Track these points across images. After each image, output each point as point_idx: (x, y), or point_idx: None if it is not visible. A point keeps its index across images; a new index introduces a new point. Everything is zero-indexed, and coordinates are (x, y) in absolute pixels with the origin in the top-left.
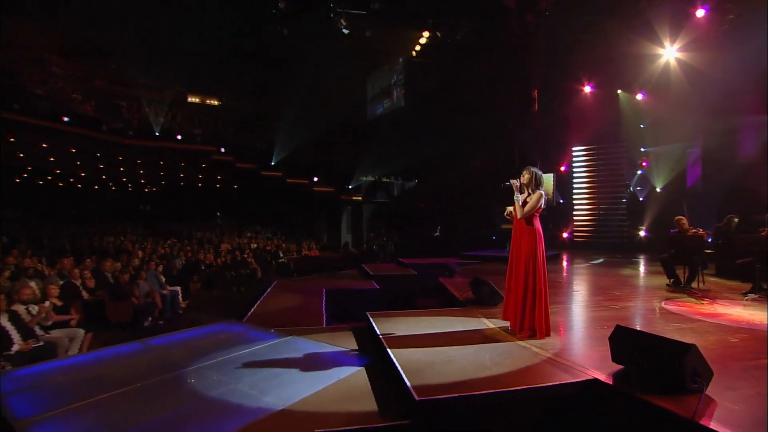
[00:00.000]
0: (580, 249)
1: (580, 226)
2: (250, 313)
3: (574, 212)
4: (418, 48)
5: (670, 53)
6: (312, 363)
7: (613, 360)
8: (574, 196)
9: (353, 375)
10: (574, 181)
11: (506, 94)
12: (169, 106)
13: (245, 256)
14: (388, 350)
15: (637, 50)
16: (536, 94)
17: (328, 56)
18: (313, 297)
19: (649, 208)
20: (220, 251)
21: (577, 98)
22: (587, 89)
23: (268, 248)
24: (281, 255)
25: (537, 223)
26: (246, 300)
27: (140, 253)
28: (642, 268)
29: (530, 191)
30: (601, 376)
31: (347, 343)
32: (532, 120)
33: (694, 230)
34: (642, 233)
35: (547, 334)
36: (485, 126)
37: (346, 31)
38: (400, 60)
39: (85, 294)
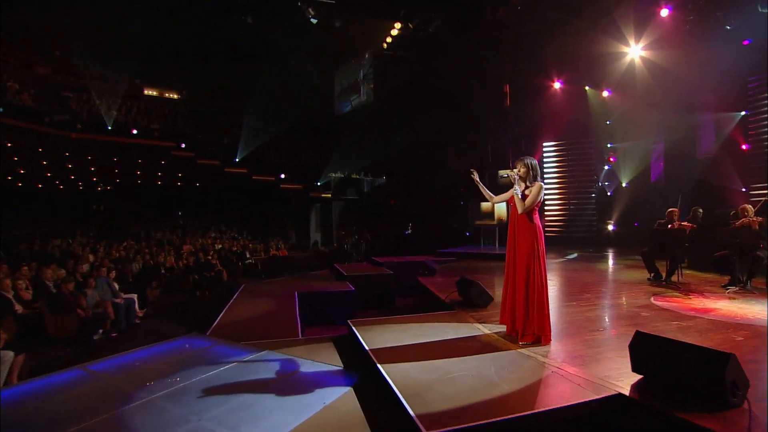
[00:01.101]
0: (551, 244)
1: (551, 221)
2: (215, 324)
3: (545, 207)
4: (389, 40)
5: (635, 51)
6: (291, 385)
7: (634, 370)
8: (545, 192)
9: (341, 399)
10: (545, 176)
11: (478, 89)
12: (123, 99)
13: (209, 257)
14: (380, 367)
15: (603, 48)
16: (508, 89)
17: (295, 49)
18: (285, 302)
19: (616, 203)
20: (182, 253)
21: (548, 94)
22: (557, 85)
23: (234, 249)
24: (248, 256)
25: (537, 219)
26: (210, 305)
27: (91, 258)
28: (611, 262)
29: (528, 183)
30: (624, 389)
31: (328, 356)
32: (504, 115)
33: (678, 223)
34: (610, 227)
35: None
36: (457, 121)
37: (314, 21)
38: (367, 55)
39: (19, 308)
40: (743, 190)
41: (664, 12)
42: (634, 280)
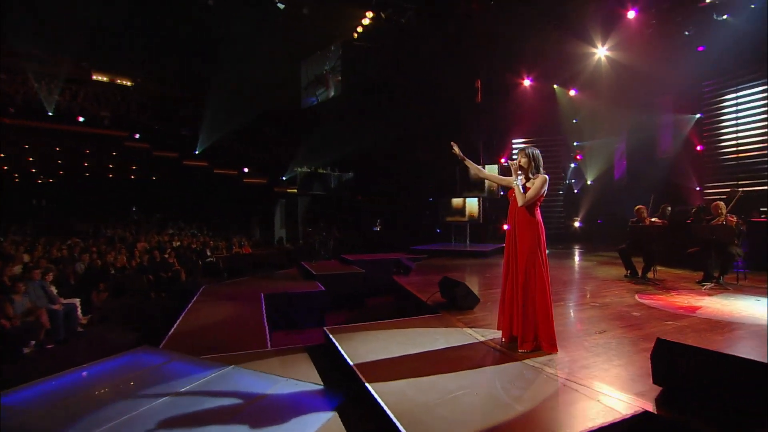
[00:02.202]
0: None
1: None
2: (170, 334)
3: None
4: (360, 30)
5: (601, 51)
6: (265, 413)
7: (655, 382)
8: None
9: (326, 427)
10: None
11: (450, 83)
12: (68, 83)
13: (166, 256)
14: (369, 388)
15: (572, 47)
16: (479, 84)
17: (260, 36)
18: (251, 305)
19: (583, 200)
20: (135, 251)
21: (518, 91)
22: (527, 83)
23: (194, 246)
24: (209, 253)
25: (538, 214)
26: (167, 309)
27: (26, 258)
28: (581, 259)
29: (531, 175)
30: (648, 405)
31: (305, 371)
32: (475, 110)
33: (652, 220)
34: (577, 224)
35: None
36: (427, 116)
37: (281, 6)
38: (333, 47)
39: None
40: (698, 189)
41: (631, 14)
42: (612, 278)
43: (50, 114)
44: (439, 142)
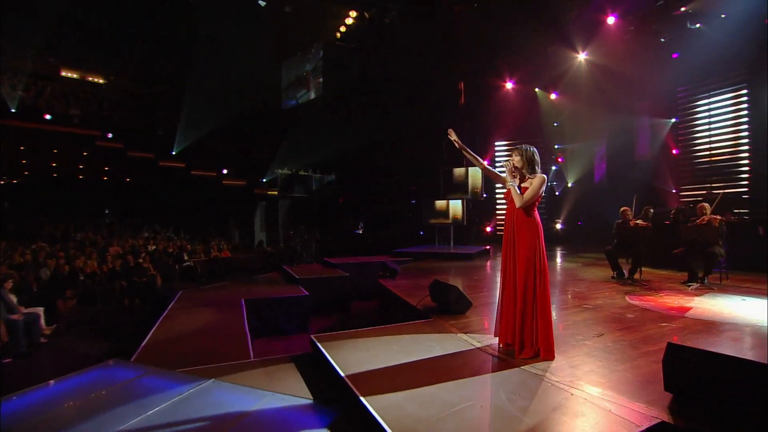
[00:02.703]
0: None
1: (503, 220)
2: (144, 344)
3: (497, 207)
4: (343, 29)
5: (582, 56)
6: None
7: (667, 389)
8: (497, 191)
9: None
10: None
11: (433, 85)
12: (34, 79)
13: (140, 260)
14: (365, 402)
15: (553, 51)
16: (463, 86)
17: (240, 34)
18: (231, 311)
19: (564, 203)
20: (107, 256)
21: (500, 93)
22: (509, 85)
23: (170, 250)
24: (186, 258)
25: (536, 214)
26: (141, 317)
27: None
28: (567, 261)
29: (528, 175)
30: (663, 415)
31: (292, 384)
32: (458, 112)
33: (636, 221)
34: (558, 226)
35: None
36: (410, 118)
37: (263, 3)
38: (313, 49)
39: None
40: (674, 191)
41: (611, 20)
42: (599, 279)
43: (13, 111)
44: (423, 143)
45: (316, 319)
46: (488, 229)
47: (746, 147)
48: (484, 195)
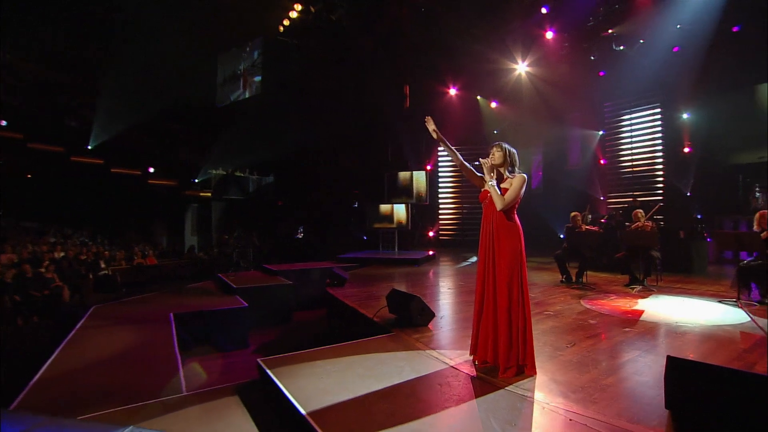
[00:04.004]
0: (446, 247)
1: (446, 225)
2: (33, 381)
3: (440, 212)
4: (286, 23)
5: (521, 67)
6: None
7: (668, 406)
8: (440, 196)
9: None
10: (440, 181)
11: (378, 87)
12: None
13: (42, 270)
14: None
15: (493, 61)
16: (408, 90)
17: (170, 22)
18: (157, 329)
19: None
20: None
21: (444, 99)
22: (453, 92)
23: (83, 257)
24: (103, 266)
25: (517, 218)
26: (39, 341)
27: None
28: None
29: (508, 174)
30: None
31: (237, 424)
32: (403, 116)
33: (587, 226)
34: None
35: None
36: (353, 119)
37: None
38: (249, 45)
39: None
40: (602, 198)
41: (549, 35)
42: (549, 283)
43: None
44: (366, 146)
45: (257, 331)
46: (431, 234)
47: (660, 160)
48: (426, 201)
